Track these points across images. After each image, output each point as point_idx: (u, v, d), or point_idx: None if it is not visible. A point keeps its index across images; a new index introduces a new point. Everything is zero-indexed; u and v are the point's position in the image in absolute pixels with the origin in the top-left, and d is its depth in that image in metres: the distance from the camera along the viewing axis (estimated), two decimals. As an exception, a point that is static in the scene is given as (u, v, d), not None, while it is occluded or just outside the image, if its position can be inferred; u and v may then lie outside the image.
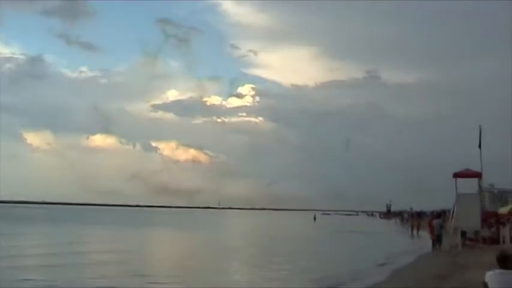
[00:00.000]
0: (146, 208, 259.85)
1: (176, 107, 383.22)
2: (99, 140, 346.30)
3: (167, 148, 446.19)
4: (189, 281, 21.51)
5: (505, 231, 33.57)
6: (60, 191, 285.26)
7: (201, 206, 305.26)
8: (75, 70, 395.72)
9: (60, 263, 25.91)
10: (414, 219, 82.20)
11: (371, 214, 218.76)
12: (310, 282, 21.11)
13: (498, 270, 8.07)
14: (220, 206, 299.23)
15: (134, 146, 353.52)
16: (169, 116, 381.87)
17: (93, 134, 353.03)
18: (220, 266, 27.72)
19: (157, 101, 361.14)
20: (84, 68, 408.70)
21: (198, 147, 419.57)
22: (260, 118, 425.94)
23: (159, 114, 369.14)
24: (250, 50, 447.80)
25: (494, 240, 32.96)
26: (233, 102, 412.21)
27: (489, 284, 8.10)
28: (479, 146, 37.50)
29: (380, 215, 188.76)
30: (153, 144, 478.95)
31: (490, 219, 40.39)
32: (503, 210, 61.00)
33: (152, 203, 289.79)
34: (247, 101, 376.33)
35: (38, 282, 19.18)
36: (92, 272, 22.84)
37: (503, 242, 32.10)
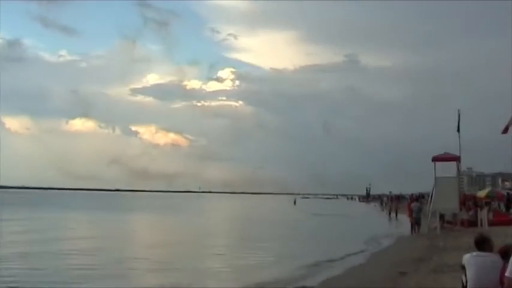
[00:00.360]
0: (126, 192, 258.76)
1: (156, 91, 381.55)
2: (78, 124, 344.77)
3: (147, 132, 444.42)
4: (171, 266, 21.42)
5: (482, 214, 33.92)
6: (40, 176, 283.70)
7: (181, 190, 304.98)
8: (54, 54, 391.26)
9: (42, 250, 25.71)
10: (393, 202, 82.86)
11: (350, 198, 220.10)
12: (291, 267, 21.11)
13: (475, 253, 8.13)
14: (200, 190, 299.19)
15: (114, 130, 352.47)
16: (149, 100, 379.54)
17: (72, 118, 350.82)
18: (200, 251, 27.72)
19: (137, 85, 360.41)
20: (63, 52, 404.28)
21: (178, 131, 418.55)
22: (240, 102, 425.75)
23: (139, 98, 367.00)
24: (230, 34, 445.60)
25: (473, 223, 33.28)
26: (213, 86, 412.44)
27: (466, 266, 8.15)
28: (458, 129, 37.76)
29: (359, 199, 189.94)
30: (133, 128, 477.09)
31: (468, 202, 40.80)
32: (481, 193, 61.84)
33: (132, 187, 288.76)
34: (227, 85, 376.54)
35: (19, 271, 18.94)
36: (74, 259, 22.71)
37: (481, 224, 32.41)
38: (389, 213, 60.36)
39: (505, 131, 27.58)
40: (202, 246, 29.30)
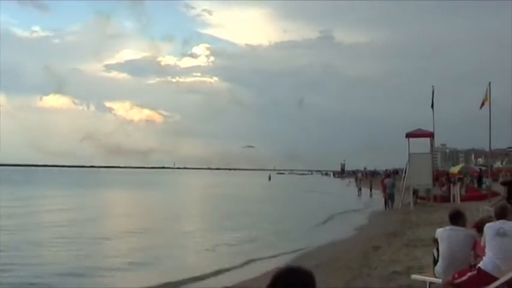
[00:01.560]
0: (101, 169, 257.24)
1: (130, 67, 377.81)
2: (52, 100, 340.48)
3: (121, 108, 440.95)
4: (147, 242, 21.46)
5: (455, 190, 34.42)
6: (13, 153, 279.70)
7: (156, 166, 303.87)
8: (27, 30, 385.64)
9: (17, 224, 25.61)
10: (367, 178, 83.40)
11: (325, 173, 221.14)
12: (261, 244, 21.27)
13: (448, 227, 8.29)
14: (175, 166, 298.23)
15: (88, 107, 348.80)
16: (123, 76, 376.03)
17: (46, 94, 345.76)
18: (171, 226, 27.83)
19: (111, 61, 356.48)
20: (36, 28, 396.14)
21: (153, 107, 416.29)
22: (215, 78, 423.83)
23: (113, 74, 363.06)
24: (204, 10, 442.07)
25: (446, 199, 33.76)
26: (187, 62, 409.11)
27: (439, 240, 8.31)
28: (432, 106, 38.04)
29: (334, 175, 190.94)
30: (107, 104, 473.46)
31: (442, 178, 41.31)
32: (454, 169, 62.63)
33: (107, 163, 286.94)
34: (202, 61, 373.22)
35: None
36: (48, 233, 22.69)
37: (454, 200, 32.92)
38: (360, 189, 60.65)
39: (481, 106, 28.00)
40: (172, 226, 29.34)
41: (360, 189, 60.55)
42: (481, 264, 7.49)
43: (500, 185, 25.23)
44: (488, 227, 7.59)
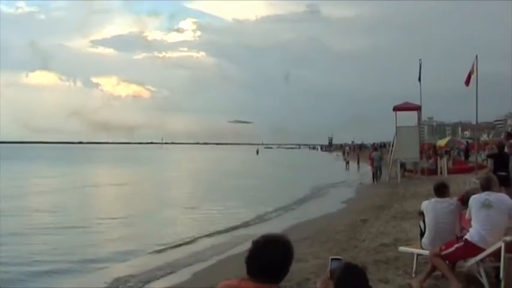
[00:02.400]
0: (89, 145, 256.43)
1: (116, 42, 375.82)
2: (38, 77, 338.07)
3: (108, 84, 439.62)
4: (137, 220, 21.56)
5: (442, 163, 34.65)
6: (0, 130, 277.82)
7: (144, 141, 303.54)
8: (12, 5, 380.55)
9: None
10: (355, 151, 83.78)
11: (313, 147, 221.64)
12: (248, 217, 21.40)
13: (434, 199, 8.37)
14: (163, 142, 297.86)
15: (74, 83, 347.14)
16: (110, 51, 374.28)
17: (32, 71, 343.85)
18: (160, 204, 27.92)
19: (97, 37, 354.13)
20: (21, 3, 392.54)
21: (140, 83, 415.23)
22: (202, 53, 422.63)
23: (99, 50, 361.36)
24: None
25: (433, 171, 33.98)
26: (174, 37, 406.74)
27: (425, 211, 8.41)
28: (419, 79, 38.09)
29: (322, 148, 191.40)
30: (94, 80, 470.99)
31: (429, 151, 41.57)
32: (441, 142, 63.07)
33: (94, 139, 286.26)
34: (189, 35, 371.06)
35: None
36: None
37: (441, 173, 33.15)
38: (348, 163, 60.91)
39: (468, 82, 28.04)
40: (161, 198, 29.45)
41: (347, 163, 60.79)
42: (467, 236, 7.57)
43: (486, 157, 25.44)
44: (474, 199, 7.67)
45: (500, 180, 16.20)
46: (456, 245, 7.66)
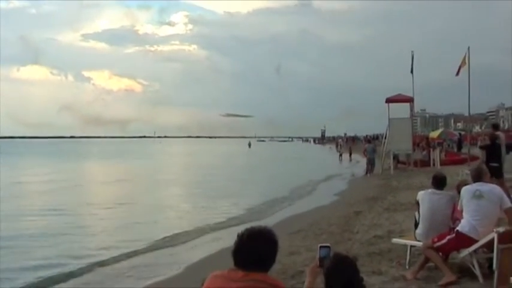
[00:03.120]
0: (81, 139, 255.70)
1: (107, 36, 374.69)
2: (29, 71, 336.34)
3: (100, 78, 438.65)
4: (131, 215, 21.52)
5: (435, 154, 34.74)
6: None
7: (137, 135, 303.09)
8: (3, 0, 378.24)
9: None
10: (348, 144, 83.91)
11: (306, 140, 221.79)
12: (241, 210, 21.42)
13: (430, 190, 8.38)
14: (155, 135, 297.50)
15: (66, 77, 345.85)
16: (101, 45, 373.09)
17: (24, 65, 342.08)
18: (151, 195, 27.90)
19: (88, 31, 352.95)
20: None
21: (132, 77, 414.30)
22: (193, 46, 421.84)
23: (91, 43, 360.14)
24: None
25: (425, 163, 34.06)
26: (166, 30, 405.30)
27: (420, 202, 8.41)
28: (411, 71, 38.13)
29: (314, 141, 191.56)
30: (86, 74, 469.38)
31: (422, 142, 41.68)
32: (434, 134, 63.24)
33: (86, 133, 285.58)
34: (180, 29, 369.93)
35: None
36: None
37: (434, 164, 33.24)
38: (341, 155, 61.02)
39: (458, 72, 28.08)
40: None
41: (340, 155, 60.86)
42: (459, 227, 7.60)
43: (479, 149, 25.46)
44: (465, 190, 7.70)
45: (493, 171, 16.38)
46: (448, 237, 7.70)
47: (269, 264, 3.46)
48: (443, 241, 7.69)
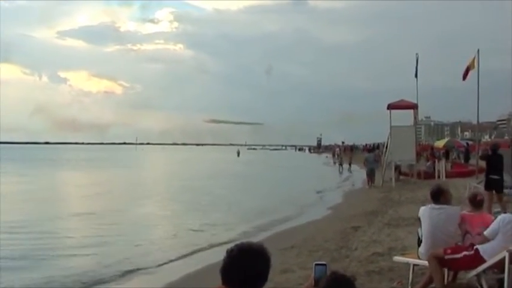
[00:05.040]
0: (56, 145, 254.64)
1: (86, 33, 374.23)
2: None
3: (77, 79, 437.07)
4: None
5: (440, 165, 34.78)
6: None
7: (117, 141, 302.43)
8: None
9: None
10: (346, 153, 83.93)
11: (300, 149, 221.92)
12: (233, 227, 21.30)
13: (430, 205, 8.37)
14: (137, 142, 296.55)
15: (40, 77, 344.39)
16: (79, 43, 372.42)
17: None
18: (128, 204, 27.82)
19: (64, 27, 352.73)
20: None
21: (112, 78, 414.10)
22: (179, 45, 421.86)
23: (67, 41, 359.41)
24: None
25: (430, 175, 34.11)
26: (149, 28, 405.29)
27: (421, 218, 8.40)
28: (416, 75, 38.30)
29: (310, 150, 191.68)
30: (61, 74, 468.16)
31: (426, 152, 41.81)
32: (439, 143, 63.39)
33: (62, 139, 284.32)
34: (165, 26, 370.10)
35: None
36: None
37: (439, 176, 33.26)
38: (341, 165, 61.00)
39: (465, 77, 28.20)
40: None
41: (341, 165, 60.79)
42: (480, 248, 7.52)
43: (480, 159, 25.59)
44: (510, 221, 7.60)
45: (493, 184, 16.44)
46: (465, 252, 7.62)
47: (261, 283, 3.42)
48: (458, 255, 7.62)
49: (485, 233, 7.63)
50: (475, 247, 7.57)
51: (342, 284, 3.40)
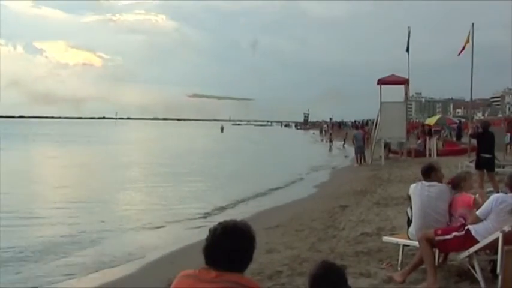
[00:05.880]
0: (32, 119, 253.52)
1: (63, 2, 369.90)
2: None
3: (54, 50, 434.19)
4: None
5: (431, 143, 34.89)
6: None
7: (96, 116, 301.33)
8: None
9: None
10: (334, 129, 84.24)
11: (286, 125, 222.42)
12: (216, 202, 21.29)
13: (421, 182, 8.38)
14: (117, 117, 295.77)
15: (15, 48, 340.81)
16: (56, 13, 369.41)
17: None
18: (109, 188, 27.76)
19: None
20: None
21: (90, 49, 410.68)
22: (161, 16, 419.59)
23: (43, 11, 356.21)
24: None
25: (420, 153, 34.24)
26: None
27: (412, 197, 8.41)
28: (407, 49, 38.23)
29: (296, 126, 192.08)
30: (37, 45, 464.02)
31: (417, 130, 41.94)
32: (430, 120, 63.69)
33: (37, 113, 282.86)
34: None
35: None
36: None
37: (430, 155, 33.37)
38: (331, 141, 61.17)
39: (461, 52, 28.23)
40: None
41: (331, 141, 60.96)
42: (472, 228, 7.50)
43: (470, 137, 25.71)
44: (503, 199, 7.55)
45: (484, 163, 16.59)
46: (455, 233, 7.61)
47: (245, 263, 3.39)
48: (448, 236, 7.61)
49: (477, 212, 7.62)
50: (466, 227, 7.57)
51: (333, 273, 3.37)
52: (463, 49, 27.91)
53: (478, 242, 7.39)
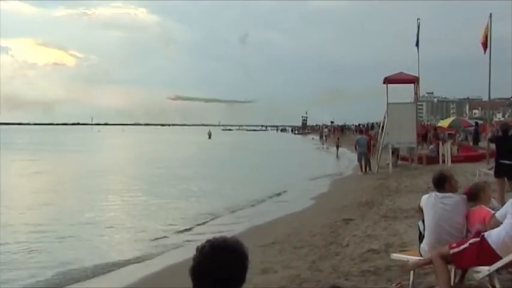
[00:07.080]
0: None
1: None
2: None
3: (21, 48, 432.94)
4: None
5: (445, 149, 34.90)
6: None
7: (69, 122, 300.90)
8: None
9: None
10: (335, 134, 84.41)
11: (283, 129, 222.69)
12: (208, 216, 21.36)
13: (434, 193, 8.38)
14: (93, 122, 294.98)
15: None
16: (24, 7, 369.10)
17: None
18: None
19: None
20: None
21: (62, 47, 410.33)
22: (141, 9, 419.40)
23: (10, 4, 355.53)
24: None
25: (433, 159, 34.24)
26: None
27: (424, 209, 8.41)
28: (417, 44, 38.34)
29: (293, 131, 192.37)
30: (2, 43, 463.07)
31: (428, 133, 42.02)
32: (443, 122, 63.70)
33: (2, 119, 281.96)
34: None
35: None
36: None
37: (444, 161, 33.38)
38: (338, 147, 61.34)
39: (485, 48, 28.18)
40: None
41: (337, 147, 61.00)
42: (486, 234, 7.52)
43: (488, 141, 25.77)
44: None
45: (504, 170, 16.58)
46: (471, 241, 7.62)
47: (237, 284, 3.38)
48: (464, 246, 7.59)
49: (496, 215, 7.68)
50: (481, 234, 7.58)
51: None
52: (485, 45, 27.79)
53: (494, 251, 7.39)
